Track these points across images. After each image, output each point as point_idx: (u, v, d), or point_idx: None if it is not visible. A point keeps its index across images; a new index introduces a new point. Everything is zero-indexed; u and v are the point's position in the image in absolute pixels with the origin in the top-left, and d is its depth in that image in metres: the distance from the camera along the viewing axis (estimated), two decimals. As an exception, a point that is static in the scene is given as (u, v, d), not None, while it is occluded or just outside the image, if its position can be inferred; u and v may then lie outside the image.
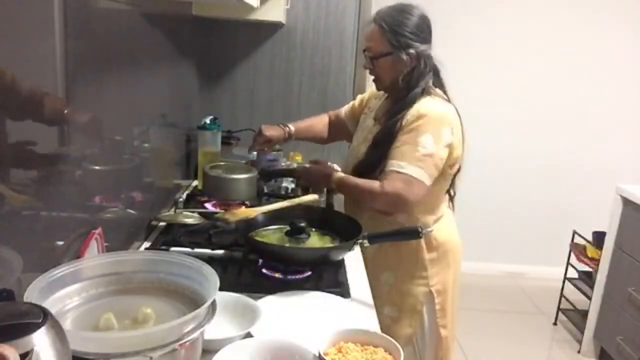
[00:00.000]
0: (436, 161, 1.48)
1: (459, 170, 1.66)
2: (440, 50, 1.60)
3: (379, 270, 1.60)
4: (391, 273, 1.62)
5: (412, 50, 1.51)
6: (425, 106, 1.50)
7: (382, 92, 1.70)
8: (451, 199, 1.70)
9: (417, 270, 1.60)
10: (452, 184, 1.66)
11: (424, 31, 1.54)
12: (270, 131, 1.83)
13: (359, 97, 1.89)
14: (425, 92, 1.53)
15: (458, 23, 3.45)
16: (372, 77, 1.62)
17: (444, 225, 1.63)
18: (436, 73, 1.59)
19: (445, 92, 1.59)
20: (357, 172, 1.60)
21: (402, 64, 1.53)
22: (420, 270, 1.60)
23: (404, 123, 1.50)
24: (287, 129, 1.86)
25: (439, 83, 1.60)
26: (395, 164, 1.48)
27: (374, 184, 1.50)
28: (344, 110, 1.92)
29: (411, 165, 1.46)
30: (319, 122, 1.96)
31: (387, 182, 1.48)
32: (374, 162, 1.56)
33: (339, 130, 1.93)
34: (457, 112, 1.56)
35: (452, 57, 1.61)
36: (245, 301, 1.14)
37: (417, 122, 1.48)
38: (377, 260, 1.59)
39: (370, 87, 1.80)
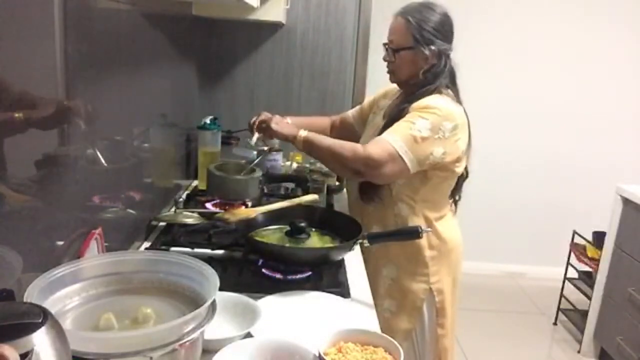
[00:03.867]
0: (425, 149, 1.45)
1: (466, 177, 1.66)
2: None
3: (381, 264, 1.61)
4: (393, 267, 1.62)
5: (434, 47, 1.53)
6: (433, 100, 1.50)
7: (393, 93, 1.71)
8: (455, 202, 1.70)
9: (418, 267, 1.61)
10: (459, 188, 1.67)
11: (446, 30, 1.55)
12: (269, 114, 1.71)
13: (367, 99, 1.89)
14: (436, 90, 1.54)
15: (458, 24, 3.44)
16: (387, 70, 1.62)
17: (446, 225, 1.64)
18: (452, 76, 1.59)
19: (457, 96, 1.58)
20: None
21: (423, 59, 1.54)
22: (421, 267, 1.60)
23: (409, 111, 1.50)
24: (286, 119, 1.81)
25: (454, 86, 1.59)
26: (387, 135, 1.47)
27: (356, 145, 1.50)
28: (351, 114, 1.92)
29: (401, 141, 1.45)
30: (319, 122, 1.94)
31: (373, 146, 1.46)
32: None
33: (345, 135, 1.89)
34: (466, 115, 1.55)
35: (452, 56, 1.61)
36: (245, 301, 1.13)
37: (420, 109, 1.48)
38: (379, 253, 1.59)
39: (375, 89, 1.80)
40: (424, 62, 1.54)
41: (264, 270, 1.34)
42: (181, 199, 1.76)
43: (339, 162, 1.51)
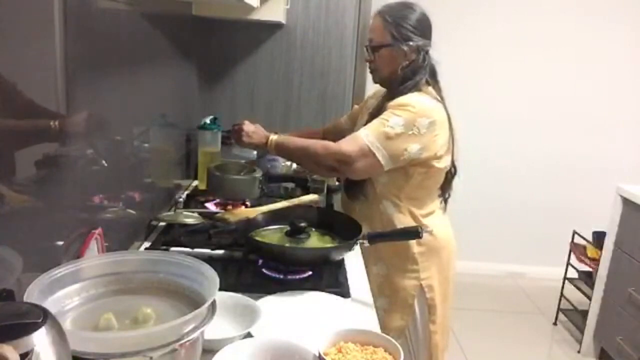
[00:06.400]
0: (398, 145, 1.47)
1: (455, 174, 1.66)
2: (440, 50, 1.60)
3: (372, 262, 1.62)
4: (383, 265, 1.63)
5: (411, 43, 1.55)
6: (408, 98, 1.52)
7: (380, 94, 1.72)
8: (445, 200, 1.70)
9: (407, 263, 1.61)
10: (448, 186, 1.67)
11: (424, 27, 1.57)
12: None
13: (357, 106, 1.93)
14: (415, 87, 1.55)
15: (457, 23, 3.45)
16: (370, 70, 1.64)
17: (435, 221, 1.63)
18: (432, 72, 1.60)
19: (439, 93, 1.59)
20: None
21: (402, 56, 1.56)
22: (411, 263, 1.61)
23: (386, 108, 1.52)
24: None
25: (435, 83, 1.60)
26: (361, 131, 1.50)
27: (329, 142, 1.53)
28: (343, 118, 1.96)
29: (373, 137, 1.47)
30: (312, 133, 1.97)
31: (346, 142, 1.50)
32: None
33: (339, 139, 1.92)
34: (447, 111, 1.56)
35: (452, 56, 1.61)
36: (245, 301, 1.14)
37: (395, 107, 1.50)
38: (369, 251, 1.59)
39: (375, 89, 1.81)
40: (402, 59, 1.56)
41: (264, 270, 1.34)
42: (181, 199, 1.76)
43: (312, 159, 1.55)
